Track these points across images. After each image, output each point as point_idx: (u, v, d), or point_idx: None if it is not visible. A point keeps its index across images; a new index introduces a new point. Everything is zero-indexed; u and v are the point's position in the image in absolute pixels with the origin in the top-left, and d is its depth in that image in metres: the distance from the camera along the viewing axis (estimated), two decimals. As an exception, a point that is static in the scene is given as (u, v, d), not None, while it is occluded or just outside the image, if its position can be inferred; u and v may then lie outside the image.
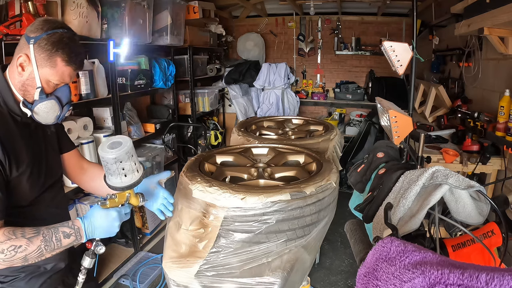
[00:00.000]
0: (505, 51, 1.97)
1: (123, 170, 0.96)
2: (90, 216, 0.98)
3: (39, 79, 0.98)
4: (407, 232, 0.83)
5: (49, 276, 1.13)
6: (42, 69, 0.98)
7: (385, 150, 1.26)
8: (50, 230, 0.93)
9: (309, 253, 1.20)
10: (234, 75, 4.36)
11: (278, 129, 2.14)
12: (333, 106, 4.81)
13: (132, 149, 0.98)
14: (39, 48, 0.96)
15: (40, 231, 0.92)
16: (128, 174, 0.97)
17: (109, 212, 0.98)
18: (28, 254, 0.89)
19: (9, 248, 0.87)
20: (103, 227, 0.98)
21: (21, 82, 0.99)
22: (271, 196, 1.07)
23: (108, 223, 0.98)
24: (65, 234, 0.94)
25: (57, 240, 0.93)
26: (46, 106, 1.01)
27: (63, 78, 1.02)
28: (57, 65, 0.98)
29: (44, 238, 0.91)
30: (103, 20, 2.30)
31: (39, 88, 0.99)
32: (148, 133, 2.95)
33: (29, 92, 1.00)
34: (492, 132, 1.91)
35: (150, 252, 2.84)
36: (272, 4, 4.45)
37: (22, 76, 0.99)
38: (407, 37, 4.41)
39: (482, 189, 0.83)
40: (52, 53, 0.97)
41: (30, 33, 0.97)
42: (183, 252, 1.15)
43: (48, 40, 0.96)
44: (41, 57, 0.97)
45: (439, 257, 0.56)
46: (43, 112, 1.02)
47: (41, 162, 1.08)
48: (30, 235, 0.90)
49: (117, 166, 0.94)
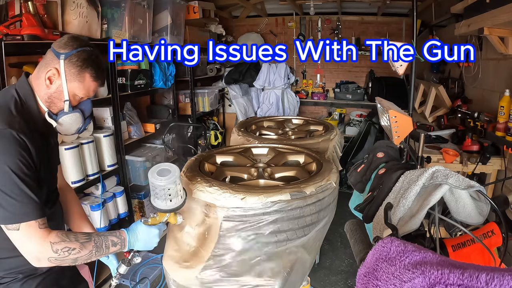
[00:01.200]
0: (505, 51, 1.97)
1: (169, 196, 1.02)
2: (134, 230, 1.06)
3: (67, 93, 1.04)
4: (407, 232, 0.83)
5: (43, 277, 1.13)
6: (71, 83, 1.04)
7: (385, 150, 1.26)
8: (100, 237, 1.00)
9: (309, 253, 1.20)
10: (234, 75, 4.36)
11: (278, 129, 2.14)
12: (333, 106, 4.81)
13: (179, 177, 1.04)
14: (70, 64, 1.02)
15: (91, 237, 0.99)
16: (173, 199, 1.04)
17: (151, 229, 1.06)
18: (80, 257, 0.96)
19: (63, 249, 0.93)
20: (144, 241, 1.06)
21: (47, 94, 1.04)
22: (271, 196, 1.07)
23: (149, 238, 1.06)
24: (113, 242, 1.02)
25: (106, 247, 1.00)
26: (71, 118, 1.08)
27: (89, 92, 1.09)
28: (85, 80, 1.05)
29: (95, 244, 0.98)
30: (103, 20, 2.30)
31: (67, 101, 1.05)
32: (148, 133, 2.95)
33: (55, 104, 1.05)
34: (492, 132, 1.91)
35: (150, 252, 2.84)
36: (272, 4, 4.44)
37: (49, 88, 1.03)
38: (407, 37, 4.41)
39: (482, 189, 0.83)
40: (82, 69, 1.03)
41: (60, 49, 1.02)
42: (184, 252, 1.15)
43: (79, 57, 1.03)
44: (71, 72, 1.03)
45: (439, 257, 0.56)
46: (67, 124, 1.08)
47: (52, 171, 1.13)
48: (83, 239, 0.97)
49: (165, 192, 1.02)
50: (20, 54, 1.95)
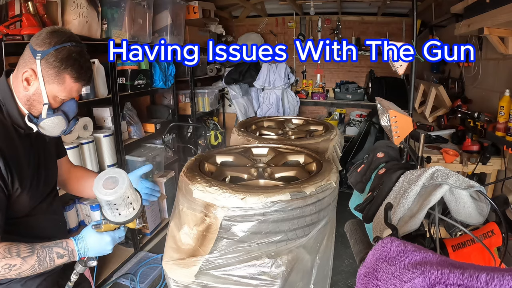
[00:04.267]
0: (505, 51, 1.97)
1: (117, 210, 0.95)
2: (83, 238, 0.98)
3: (46, 95, 0.95)
4: (407, 232, 0.83)
5: (44, 278, 1.12)
6: (50, 85, 0.94)
7: (385, 150, 1.26)
8: (44, 249, 0.93)
9: (309, 253, 1.20)
10: (234, 75, 4.36)
11: (278, 129, 2.14)
12: (333, 106, 4.81)
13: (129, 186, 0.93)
14: (46, 64, 0.92)
15: (34, 250, 0.92)
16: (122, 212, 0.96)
17: (103, 236, 0.98)
18: (22, 272, 0.91)
19: (3, 266, 0.88)
20: (95, 249, 0.98)
21: (26, 97, 0.96)
22: (271, 196, 1.07)
23: (101, 246, 0.98)
24: (59, 254, 0.95)
25: (50, 260, 0.94)
26: (52, 122, 0.98)
27: (71, 93, 0.99)
28: (66, 82, 0.95)
29: (38, 258, 0.92)
30: (103, 20, 2.30)
31: (46, 104, 0.95)
32: (148, 133, 2.95)
33: (34, 107, 0.97)
34: (492, 132, 1.91)
35: (150, 252, 2.84)
36: (272, 4, 4.44)
37: (27, 90, 0.95)
38: (407, 37, 4.41)
39: (482, 189, 0.83)
40: (60, 70, 0.93)
41: (37, 46, 0.93)
42: (183, 252, 1.15)
43: (57, 56, 0.92)
44: (48, 74, 0.93)
45: (439, 257, 0.56)
46: (50, 127, 0.99)
47: (40, 173, 1.06)
48: (24, 254, 0.90)
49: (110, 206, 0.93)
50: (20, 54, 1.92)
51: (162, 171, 3.12)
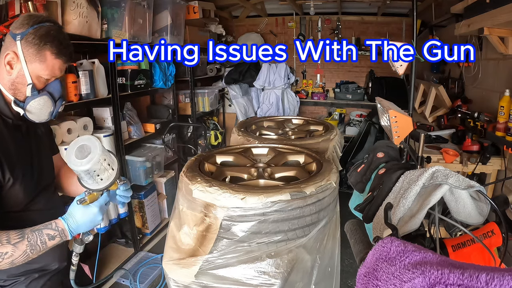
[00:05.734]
0: (505, 51, 1.97)
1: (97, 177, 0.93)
2: (71, 215, 0.95)
3: (29, 76, 0.96)
4: (407, 232, 0.83)
5: (48, 278, 1.12)
6: (32, 64, 0.95)
7: (385, 150, 1.26)
8: (34, 233, 0.92)
9: (309, 253, 1.20)
10: (234, 75, 4.36)
11: (278, 129, 2.13)
12: (333, 106, 4.81)
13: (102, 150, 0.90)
14: (26, 44, 0.93)
15: (24, 235, 0.90)
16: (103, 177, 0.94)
17: (90, 208, 0.96)
18: (15, 259, 0.89)
19: None
20: (86, 223, 0.96)
21: (10, 81, 0.96)
22: (271, 196, 1.07)
23: (91, 219, 0.96)
24: (50, 236, 0.93)
25: (42, 243, 0.92)
26: (38, 103, 0.99)
27: (54, 72, 1.00)
28: (47, 59, 0.96)
29: (29, 243, 0.90)
30: (103, 20, 2.30)
31: (30, 84, 0.96)
32: (148, 133, 2.95)
33: (19, 90, 0.97)
34: (492, 132, 1.91)
35: (150, 252, 2.84)
36: (272, 4, 4.44)
37: (11, 74, 0.96)
38: (407, 37, 4.41)
39: (482, 189, 0.83)
40: (40, 47, 0.94)
41: (16, 30, 0.94)
42: (183, 252, 1.15)
43: (35, 34, 0.94)
44: (29, 53, 0.94)
45: (439, 257, 0.56)
46: (36, 110, 0.99)
47: (33, 165, 1.05)
48: (15, 240, 0.89)
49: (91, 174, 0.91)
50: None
51: (162, 171, 3.12)
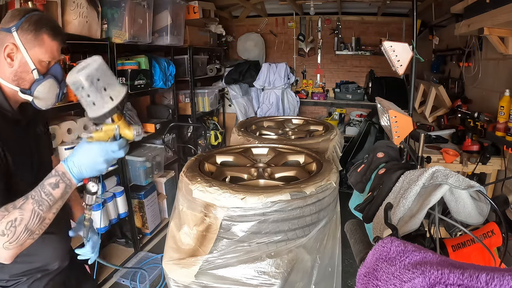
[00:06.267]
0: (505, 51, 1.97)
1: (88, 98, 0.82)
2: (73, 155, 0.89)
3: (31, 61, 0.99)
4: (407, 232, 0.83)
5: (51, 278, 1.12)
6: (32, 50, 0.98)
7: (385, 150, 1.26)
8: (37, 189, 0.87)
9: (309, 253, 1.20)
10: (234, 75, 4.36)
11: (278, 129, 2.13)
12: (333, 106, 4.81)
13: (101, 69, 0.83)
14: (23, 32, 0.96)
15: (28, 195, 0.86)
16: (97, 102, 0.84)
17: (91, 146, 0.87)
18: (27, 223, 0.83)
19: (7, 226, 0.82)
20: (86, 163, 0.88)
21: (13, 73, 0.98)
22: (271, 196, 1.07)
23: (90, 159, 0.87)
24: (52, 185, 0.87)
25: (47, 194, 0.86)
26: (45, 86, 1.02)
27: (53, 53, 1.03)
28: (45, 42, 0.99)
29: (33, 200, 0.85)
30: (103, 20, 2.30)
31: (35, 69, 0.99)
32: (148, 133, 2.95)
33: (24, 79, 1.00)
34: (492, 132, 1.91)
35: (150, 252, 2.84)
36: (272, 4, 4.44)
37: (12, 66, 0.98)
38: (407, 37, 4.41)
39: (482, 189, 0.83)
40: (37, 32, 0.98)
41: (8, 24, 0.97)
42: (183, 252, 1.15)
43: (30, 21, 0.97)
44: (27, 39, 0.97)
45: (439, 257, 0.56)
46: (44, 94, 1.02)
47: (33, 159, 1.06)
48: (20, 203, 0.85)
49: (81, 94, 0.81)
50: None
51: (162, 171, 3.12)
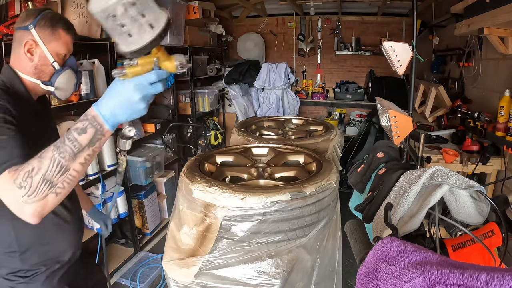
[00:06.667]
0: (505, 51, 1.97)
1: (122, 28, 0.64)
2: (104, 97, 0.75)
3: (50, 55, 1.08)
4: (407, 232, 0.83)
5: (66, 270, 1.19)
6: (50, 44, 1.08)
7: (385, 150, 1.26)
8: (62, 136, 0.76)
9: (309, 253, 1.20)
10: (234, 75, 4.36)
11: (278, 129, 2.13)
12: (333, 106, 4.81)
13: None
14: (40, 28, 1.06)
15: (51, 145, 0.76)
16: (133, 33, 0.65)
17: (125, 84, 0.72)
18: (45, 172, 0.72)
19: (23, 177, 0.73)
20: (121, 105, 0.73)
21: (33, 67, 1.07)
22: (271, 196, 1.07)
23: (124, 98, 0.72)
24: (79, 130, 0.74)
25: (70, 140, 0.73)
26: (64, 77, 1.13)
27: (68, 46, 1.13)
28: (61, 36, 1.10)
29: (55, 147, 0.74)
30: (103, 20, 2.30)
31: (54, 62, 1.10)
32: (148, 133, 2.95)
33: (44, 72, 1.09)
34: (492, 132, 1.91)
35: (150, 252, 2.84)
36: (272, 4, 4.44)
37: (32, 60, 1.07)
38: (407, 37, 4.41)
39: (482, 189, 0.83)
40: (54, 27, 1.08)
41: (24, 23, 1.06)
42: (183, 252, 1.15)
43: (46, 18, 1.07)
44: (45, 35, 1.07)
45: (439, 257, 0.56)
46: (64, 84, 1.13)
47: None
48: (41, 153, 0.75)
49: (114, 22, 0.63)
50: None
51: (162, 171, 3.12)
